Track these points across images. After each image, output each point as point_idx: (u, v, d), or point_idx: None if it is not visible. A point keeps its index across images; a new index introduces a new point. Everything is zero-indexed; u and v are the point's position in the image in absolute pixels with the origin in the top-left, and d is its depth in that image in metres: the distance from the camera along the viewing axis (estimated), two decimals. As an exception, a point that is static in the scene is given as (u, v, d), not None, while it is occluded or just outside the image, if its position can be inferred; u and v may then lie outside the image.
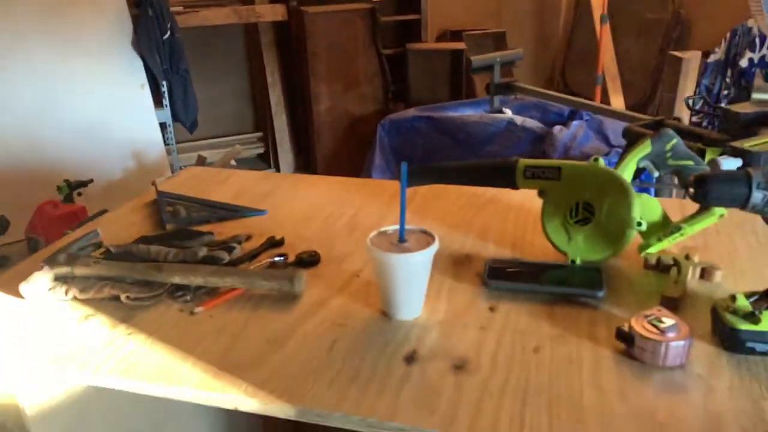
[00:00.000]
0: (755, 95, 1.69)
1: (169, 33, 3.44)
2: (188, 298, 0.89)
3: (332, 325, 0.83)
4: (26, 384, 0.83)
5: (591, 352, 0.76)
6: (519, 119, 2.88)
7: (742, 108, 1.64)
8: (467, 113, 3.27)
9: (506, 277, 0.91)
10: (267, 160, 4.14)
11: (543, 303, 0.87)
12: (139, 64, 3.40)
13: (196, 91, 3.67)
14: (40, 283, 0.89)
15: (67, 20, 3.28)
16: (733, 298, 0.76)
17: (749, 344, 0.74)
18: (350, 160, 3.54)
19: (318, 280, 0.95)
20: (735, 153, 1.32)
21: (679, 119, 1.91)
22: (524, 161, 0.98)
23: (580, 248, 0.93)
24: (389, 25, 3.98)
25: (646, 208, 0.92)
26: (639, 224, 0.89)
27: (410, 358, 0.76)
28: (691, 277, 0.91)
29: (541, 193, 0.97)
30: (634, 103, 3.87)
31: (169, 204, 1.20)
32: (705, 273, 0.91)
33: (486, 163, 1.03)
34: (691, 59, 2.92)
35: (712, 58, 3.43)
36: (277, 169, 4.01)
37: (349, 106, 3.66)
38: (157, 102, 3.48)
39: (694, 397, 0.68)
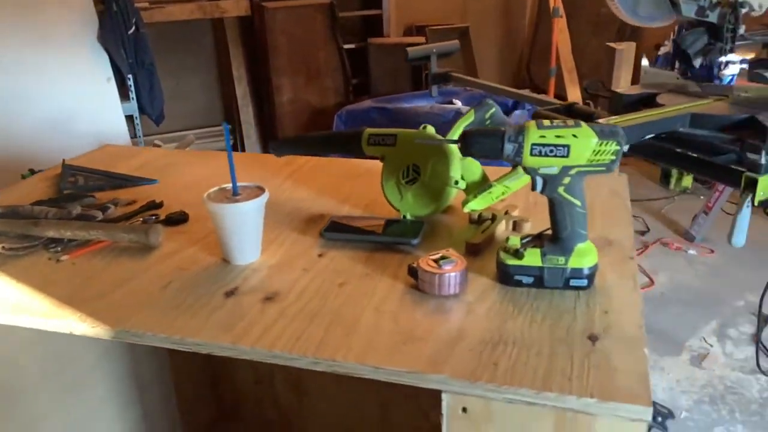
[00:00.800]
0: (644, 79, 1.80)
1: (134, 28, 3.57)
2: (58, 249, 1.01)
3: (175, 269, 0.95)
4: None
5: (387, 286, 0.88)
6: (465, 109, 3.00)
7: (630, 90, 1.75)
8: (419, 104, 3.39)
9: (339, 230, 1.03)
10: (235, 151, 4.26)
11: (366, 250, 0.98)
12: (105, 58, 3.52)
13: (167, 85, 3.80)
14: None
15: (37, 16, 3.41)
16: (508, 239, 0.87)
17: (516, 277, 0.85)
18: (311, 151, 3.66)
19: (181, 236, 1.06)
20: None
21: (589, 104, 2.02)
22: (370, 130, 1.10)
23: (409, 205, 1.05)
24: (352, 21, 4.09)
25: (467, 169, 1.04)
26: (456, 183, 1.01)
27: (230, 293, 0.88)
28: (505, 228, 1.03)
29: (382, 159, 1.09)
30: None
31: (72, 175, 1.32)
32: (516, 225, 1.03)
33: (340, 134, 1.16)
34: (625, 50, 3.04)
35: (662, 51, 3.55)
36: (245, 161, 4.13)
37: (311, 98, 3.78)
38: (124, 95, 3.60)
39: (454, 317, 0.80)
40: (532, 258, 0.84)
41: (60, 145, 3.41)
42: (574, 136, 0.78)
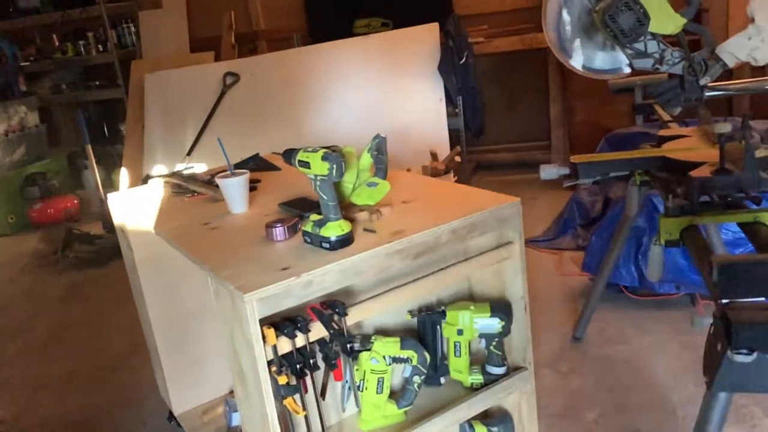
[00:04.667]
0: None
1: (464, 59, 4.41)
2: (188, 195, 1.91)
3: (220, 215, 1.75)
4: None
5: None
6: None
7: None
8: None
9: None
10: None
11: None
12: (440, 83, 4.46)
13: (500, 104, 4.54)
14: None
15: (397, 48, 4.56)
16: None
17: (307, 239, 1.37)
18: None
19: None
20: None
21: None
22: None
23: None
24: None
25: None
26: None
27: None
28: (371, 214, 1.49)
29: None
30: None
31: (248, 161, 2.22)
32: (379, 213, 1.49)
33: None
34: None
35: None
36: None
37: (604, 121, 4.00)
38: (450, 113, 4.48)
39: (265, 250, 1.38)
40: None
41: (397, 152, 4.48)
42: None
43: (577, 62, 1.76)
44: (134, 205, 1.91)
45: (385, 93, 4.52)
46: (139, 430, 2.25)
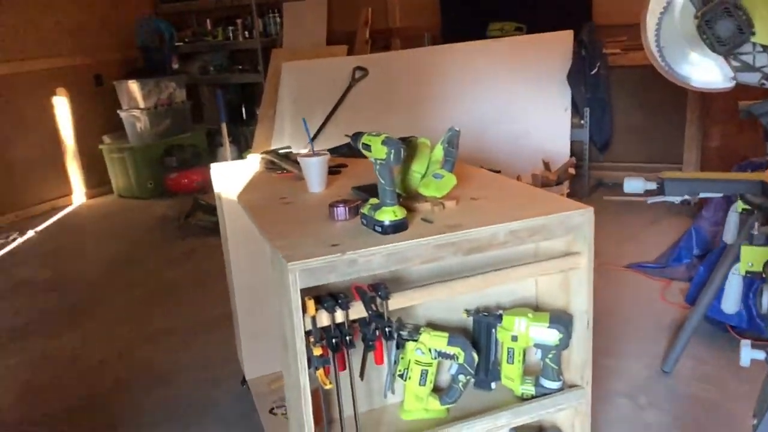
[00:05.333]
0: None
1: (597, 69, 4.24)
2: (277, 172, 2.00)
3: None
4: None
5: (331, 213, 1.54)
6: None
7: None
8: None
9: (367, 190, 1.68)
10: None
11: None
12: (568, 92, 4.31)
13: (632, 120, 4.32)
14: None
15: (528, 53, 4.46)
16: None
17: (363, 221, 1.39)
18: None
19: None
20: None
21: None
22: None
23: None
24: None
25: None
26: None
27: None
28: (433, 206, 1.49)
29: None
30: None
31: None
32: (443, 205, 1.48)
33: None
34: None
35: None
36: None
37: (740, 148, 3.69)
38: (574, 124, 4.32)
39: (324, 227, 1.43)
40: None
41: (512, 158, 4.39)
42: None
43: (677, 71, 1.64)
44: (231, 177, 2.03)
45: (510, 97, 4.44)
46: (211, 390, 2.38)
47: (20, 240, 4.42)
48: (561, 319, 1.52)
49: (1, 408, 2.37)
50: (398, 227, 1.33)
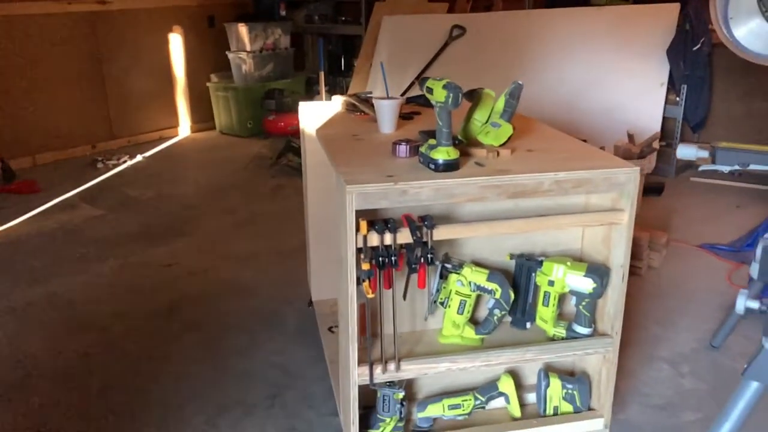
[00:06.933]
0: None
1: (699, 46, 4.11)
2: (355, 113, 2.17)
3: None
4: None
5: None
6: None
7: None
8: None
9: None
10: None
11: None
12: (665, 66, 4.21)
13: (731, 102, 4.19)
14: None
15: (629, 24, 4.38)
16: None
17: (420, 159, 1.54)
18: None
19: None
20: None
21: None
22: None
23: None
24: None
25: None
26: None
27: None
28: (488, 152, 1.61)
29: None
30: None
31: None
32: (497, 153, 1.60)
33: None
34: None
35: None
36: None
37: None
38: (669, 101, 4.23)
39: (386, 161, 1.59)
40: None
41: (601, 129, 4.35)
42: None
43: (739, 40, 1.65)
44: (315, 115, 2.22)
45: (605, 67, 4.40)
46: (284, 307, 2.63)
47: (130, 163, 4.86)
48: (598, 270, 1.62)
49: (103, 301, 2.73)
50: (450, 166, 1.47)
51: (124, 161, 4.88)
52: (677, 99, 4.24)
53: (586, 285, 1.61)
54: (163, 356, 2.31)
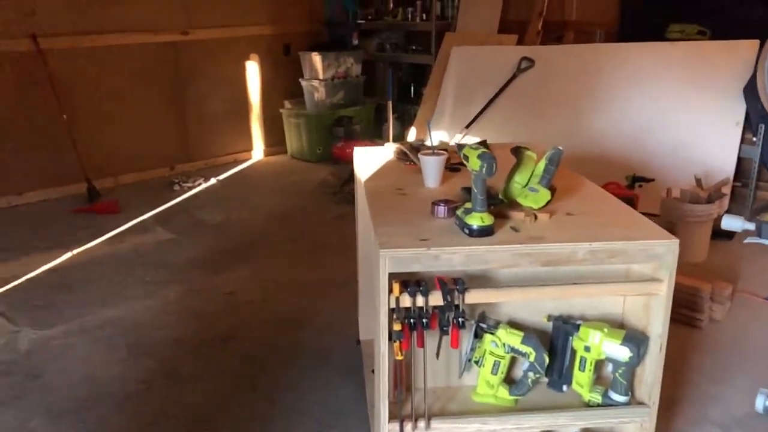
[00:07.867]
0: None
1: (779, 84, 3.93)
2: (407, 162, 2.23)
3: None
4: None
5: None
6: None
7: None
8: None
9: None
10: None
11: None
12: (742, 106, 4.05)
13: None
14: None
15: (702, 63, 4.25)
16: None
17: (456, 222, 1.57)
18: None
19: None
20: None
21: None
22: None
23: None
24: None
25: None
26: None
27: (403, 190, 1.92)
28: (525, 216, 1.63)
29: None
30: None
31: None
32: (535, 217, 1.61)
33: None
34: None
35: None
36: None
37: None
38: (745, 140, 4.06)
39: (424, 221, 1.63)
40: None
41: (667, 169, 4.19)
42: None
43: None
44: (368, 161, 2.29)
45: (678, 104, 4.27)
46: (334, 342, 2.71)
47: (204, 185, 5.09)
48: (635, 339, 1.60)
49: (165, 326, 2.88)
50: (483, 232, 1.50)
51: (199, 183, 5.11)
52: (754, 139, 4.07)
53: (623, 354, 1.60)
54: (214, 388, 2.42)
